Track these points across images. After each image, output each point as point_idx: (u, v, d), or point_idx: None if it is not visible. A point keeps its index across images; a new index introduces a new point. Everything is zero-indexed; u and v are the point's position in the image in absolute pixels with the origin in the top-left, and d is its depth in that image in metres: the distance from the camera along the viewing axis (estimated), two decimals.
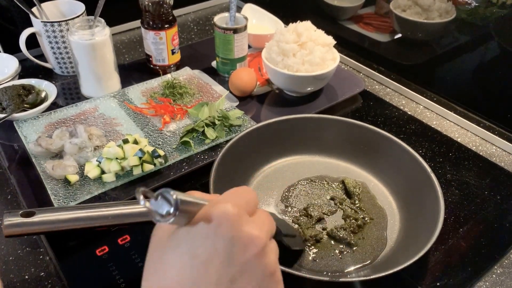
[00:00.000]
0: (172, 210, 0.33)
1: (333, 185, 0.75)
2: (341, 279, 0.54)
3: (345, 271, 0.62)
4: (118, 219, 0.54)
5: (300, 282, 0.57)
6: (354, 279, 0.55)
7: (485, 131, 0.90)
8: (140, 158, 0.73)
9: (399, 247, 0.65)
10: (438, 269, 0.64)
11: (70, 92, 0.98)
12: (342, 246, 0.65)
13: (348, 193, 0.73)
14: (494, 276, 0.64)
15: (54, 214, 0.53)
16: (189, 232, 0.36)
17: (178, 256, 0.35)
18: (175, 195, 0.33)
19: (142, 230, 0.66)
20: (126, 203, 0.55)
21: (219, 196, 0.39)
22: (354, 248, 0.65)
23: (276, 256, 0.39)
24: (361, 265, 0.63)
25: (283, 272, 0.53)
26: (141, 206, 0.37)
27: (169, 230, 0.37)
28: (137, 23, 1.23)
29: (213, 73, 1.03)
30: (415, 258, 0.56)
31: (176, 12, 1.12)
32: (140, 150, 0.73)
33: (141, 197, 0.32)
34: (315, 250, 0.64)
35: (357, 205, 0.71)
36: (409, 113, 0.96)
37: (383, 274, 0.54)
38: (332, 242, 0.66)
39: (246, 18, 0.97)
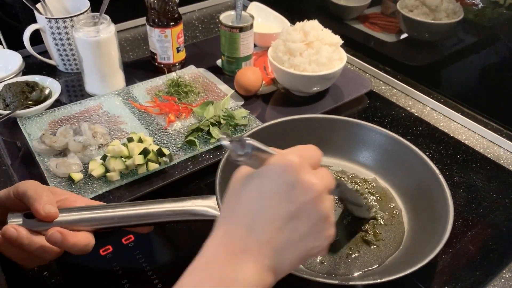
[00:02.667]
0: (246, 151, 0.42)
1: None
2: (350, 283, 0.53)
3: (353, 274, 0.61)
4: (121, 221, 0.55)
5: (308, 285, 0.56)
6: (363, 283, 0.54)
7: (493, 133, 0.89)
8: (145, 157, 0.72)
9: (407, 250, 0.64)
10: (446, 273, 0.64)
11: (74, 89, 0.97)
12: (350, 248, 0.64)
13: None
14: (503, 280, 0.64)
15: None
16: (259, 174, 0.43)
17: (248, 191, 0.43)
18: (250, 141, 0.42)
19: None
20: (112, 205, 0.56)
21: (288, 149, 0.46)
22: (362, 251, 0.64)
23: (331, 205, 0.44)
24: (369, 268, 0.62)
25: (290, 275, 0.52)
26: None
27: (245, 173, 0.44)
28: (141, 20, 1.22)
29: (218, 71, 1.02)
30: (425, 262, 0.55)
31: (181, 10, 1.11)
32: (145, 149, 0.73)
33: (225, 137, 0.41)
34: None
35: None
36: (416, 114, 0.95)
37: (392, 277, 0.53)
38: (342, 242, 0.65)
39: (252, 17, 0.97)
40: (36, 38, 0.97)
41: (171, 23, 0.95)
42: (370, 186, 0.74)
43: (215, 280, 0.39)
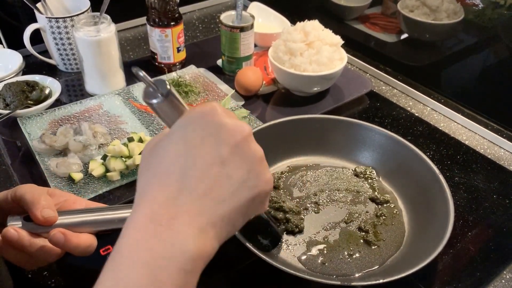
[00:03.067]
0: (163, 92, 0.40)
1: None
2: (352, 284, 0.53)
3: (354, 275, 0.61)
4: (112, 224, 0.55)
5: (309, 286, 0.56)
6: (364, 283, 0.54)
7: (493, 133, 0.89)
8: None
9: (408, 250, 0.64)
10: (447, 274, 0.64)
11: (74, 89, 0.97)
12: (351, 248, 0.64)
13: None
14: (503, 281, 0.64)
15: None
16: (178, 126, 0.40)
17: (172, 145, 0.39)
18: (169, 85, 0.40)
19: None
20: (117, 207, 0.56)
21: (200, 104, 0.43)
22: (363, 251, 0.64)
23: (260, 148, 0.41)
24: (370, 268, 0.62)
25: (293, 276, 0.52)
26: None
27: (156, 139, 0.41)
28: (142, 20, 1.22)
29: (218, 71, 1.02)
30: (425, 262, 0.55)
31: (182, 10, 1.11)
32: None
33: (142, 73, 0.39)
34: (325, 252, 0.64)
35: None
36: (416, 114, 0.95)
37: (393, 278, 0.53)
38: (343, 242, 0.65)
39: (252, 17, 0.96)
40: (37, 37, 0.97)
41: (172, 23, 0.95)
42: (372, 182, 0.74)
43: (144, 264, 0.33)
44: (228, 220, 0.38)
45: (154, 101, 0.40)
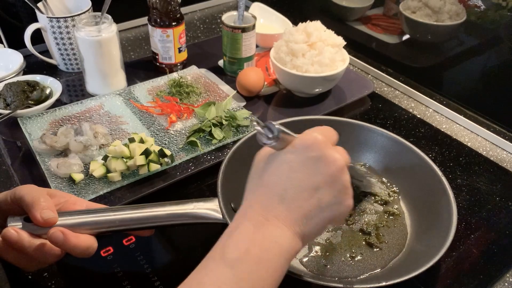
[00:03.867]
0: (274, 135, 0.46)
1: None
2: (354, 286, 0.53)
3: (357, 277, 0.60)
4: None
5: None
6: (367, 286, 0.53)
7: (496, 135, 0.88)
8: (146, 157, 0.72)
9: (410, 253, 0.63)
10: (449, 276, 0.63)
11: (75, 89, 0.97)
12: (353, 250, 0.64)
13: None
14: (506, 284, 0.63)
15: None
16: (286, 151, 0.48)
17: (277, 165, 0.48)
18: (277, 125, 0.46)
19: None
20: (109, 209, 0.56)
21: (309, 130, 0.49)
22: (365, 254, 0.64)
23: (349, 178, 0.49)
24: (372, 271, 0.61)
25: (295, 278, 0.52)
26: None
27: (268, 152, 0.50)
28: (143, 20, 1.22)
29: (220, 72, 1.02)
30: (428, 265, 0.54)
31: (183, 10, 1.11)
32: (147, 149, 0.72)
33: (255, 123, 0.47)
34: (327, 254, 0.63)
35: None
36: (419, 116, 0.94)
37: (396, 281, 0.53)
38: (345, 244, 0.64)
39: (254, 17, 0.96)
40: (37, 37, 0.97)
41: (173, 23, 0.95)
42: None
43: (255, 240, 0.44)
44: (313, 231, 0.47)
45: (269, 142, 0.47)
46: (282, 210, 0.46)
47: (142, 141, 0.75)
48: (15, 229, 0.51)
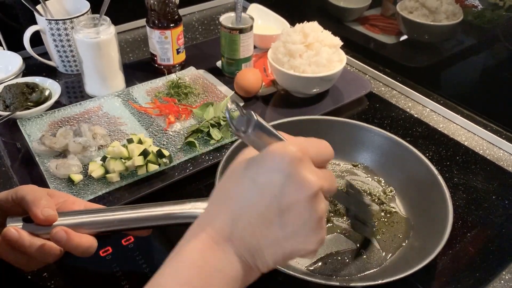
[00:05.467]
0: (248, 129, 0.39)
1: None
2: (351, 284, 0.53)
3: (354, 275, 0.61)
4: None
5: (308, 286, 0.56)
6: (363, 284, 0.54)
7: (493, 134, 0.89)
8: (145, 158, 0.72)
9: (407, 251, 0.64)
10: (446, 274, 0.64)
11: (74, 90, 0.98)
12: (350, 249, 0.64)
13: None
14: (502, 282, 0.64)
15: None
16: (257, 162, 0.41)
17: (243, 178, 0.41)
18: (258, 118, 0.40)
19: None
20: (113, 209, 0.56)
21: (296, 138, 0.43)
22: (362, 252, 0.64)
23: (326, 207, 0.42)
24: (369, 269, 0.62)
25: (291, 277, 0.52)
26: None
27: (246, 158, 0.43)
28: (141, 22, 1.22)
29: (218, 73, 1.02)
30: (424, 263, 0.55)
31: (181, 12, 1.11)
32: (145, 150, 0.73)
33: (233, 107, 0.39)
34: (324, 253, 0.64)
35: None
36: (416, 115, 0.95)
37: (392, 279, 0.53)
38: (342, 243, 0.65)
39: (252, 18, 0.97)
40: (36, 39, 0.97)
41: (171, 25, 0.95)
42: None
43: (197, 269, 0.39)
44: (271, 261, 0.41)
45: (242, 135, 0.41)
46: (234, 233, 0.40)
47: (140, 142, 0.76)
48: (15, 228, 0.51)
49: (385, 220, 0.69)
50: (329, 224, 0.68)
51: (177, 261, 0.40)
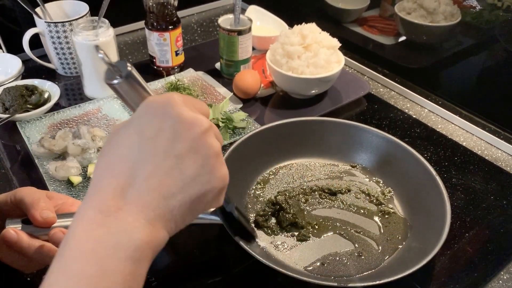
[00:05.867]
0: (122, 76, 0.39)
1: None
2: (349, 285, 0.54)
3: (352, 276, 0.61)
4: None
5: (306, 287, 0.56)
6: (361, 285, 0.54)
7: (491, 135, 0.89)
8: None
9: (405, 251, 0.64)
10: (444, 275, 0.64)
11: (73, 93, 0.98)
12: (348, 249, 0.65)
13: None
14: (500, 282, 0.64)
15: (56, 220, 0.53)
16: (139, 117, 0.39)
17: (126, 136, 0.39)
18: (130, 68, 0.39)
19: None
20: None
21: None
22: (361, 253, 0.64)
23: (219, 141, 0.41)
24: (367, 270, 0.62)
25: (290, 278, 0.52)
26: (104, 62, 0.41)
27: (121, 123, 0.41)
28: (140, 24, 1.22)
29: (217, 75, 1.03)
30: (422, 263, 0.55)
31: (180, 14, 1.12)
32: None
33: (103, 54, 0.39)
34: (322, 254, 0.64)
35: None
36: (414, 116, 0.95)
37: (390, 279, 0.53)
38: (340, 244, 0.65)
39: (250, 20, 0.97)
40: (36, 42, 0.97)
41: (170, 27, 0.96)
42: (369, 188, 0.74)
43: (92, 253, 0.34)
44: (177, 213, 0.38)
45: (114, 81, 0.39)
46: (129, 196, 0.37)
47: None
48: (14, 230, 0.51)
49: (383, 220, 0.69)
50: (327, 223, 0.68)
51: (65, 252, 0.35)
